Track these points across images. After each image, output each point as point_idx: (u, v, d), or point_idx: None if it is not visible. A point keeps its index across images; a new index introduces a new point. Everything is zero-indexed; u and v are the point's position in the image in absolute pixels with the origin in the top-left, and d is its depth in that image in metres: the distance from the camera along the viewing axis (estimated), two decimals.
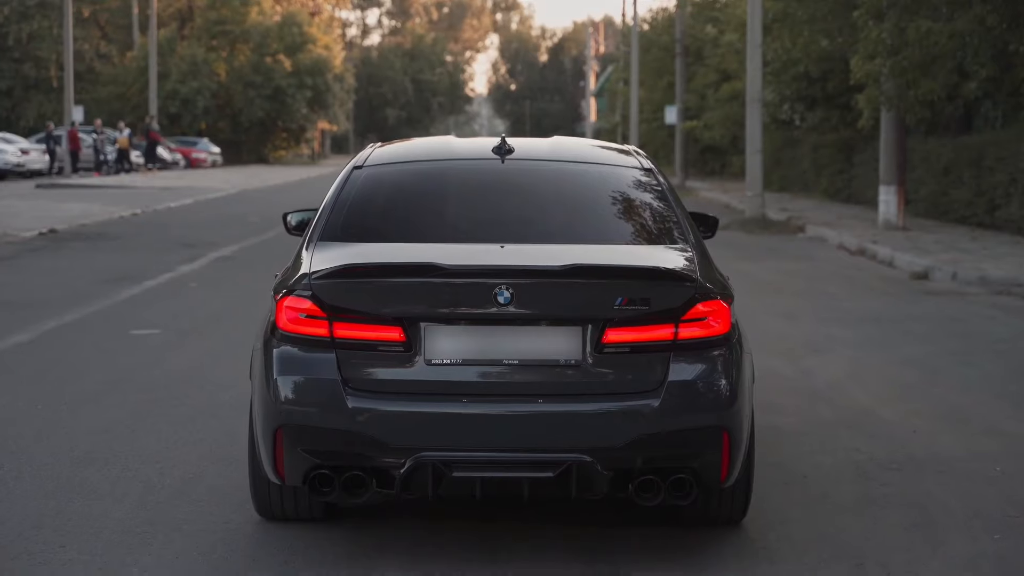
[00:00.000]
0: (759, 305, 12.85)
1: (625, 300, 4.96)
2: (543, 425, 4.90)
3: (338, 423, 4.90)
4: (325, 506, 5.48)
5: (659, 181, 5.99)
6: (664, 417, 4.87)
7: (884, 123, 20.60)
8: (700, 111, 41.75)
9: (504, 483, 5.02)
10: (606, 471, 4.85)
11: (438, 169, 6.16)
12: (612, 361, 4.94)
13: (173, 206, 29.70)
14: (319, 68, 69.25)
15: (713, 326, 5.06)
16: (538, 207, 5.80)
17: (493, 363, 4.97)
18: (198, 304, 12.80)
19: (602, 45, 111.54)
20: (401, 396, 4.94)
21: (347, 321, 4.99)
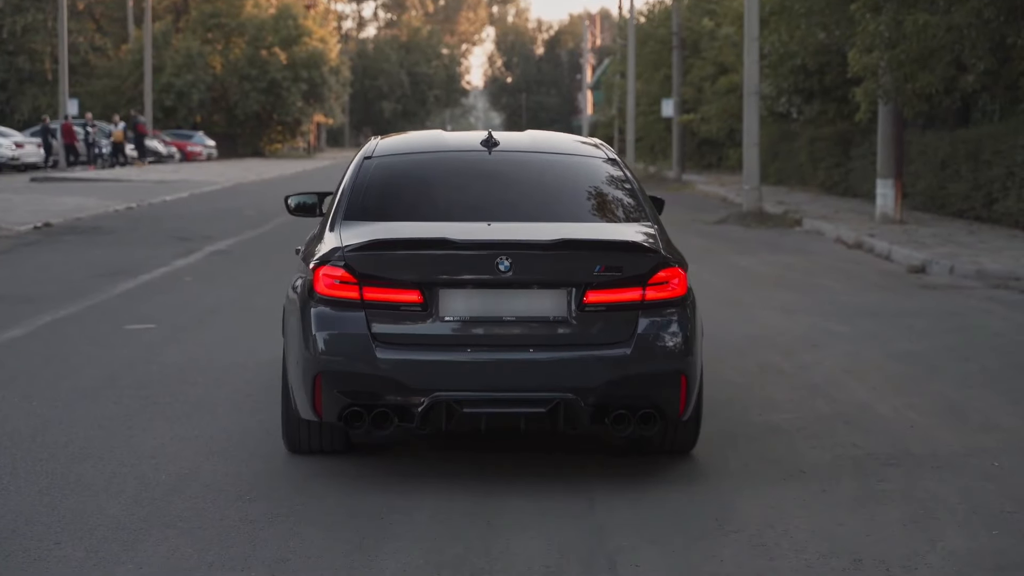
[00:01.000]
0: (756, 299, 12.85)
1: (602, 268, 6.02)
2: (536, 370, 5.94)
3: (368, 369, 5.93)
4: (346, 441, 6.53)
5: (623, 169, 7.12)
6: (634, 363, 5.95)
7: (881, 116, 20.56)
8: (697, 104, 41.70)
9: (505, 418, 6.10)
10: (587, 407, 5.89)
11: (436, 160, 7.26)
12: (591, 318, 6.00)
13: (168, 200, 29.65)
14: (314, 61, 69.12)
15: (673, 289, 6.15)
16: (521, 191, 6.86)
17: (494, 320, 6.02)
18: (193, 298, 12.76)
19: (598, 38, 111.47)
20: (419, 347, 5.99)
21: (374, 286, 5.98)
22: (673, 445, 6.52)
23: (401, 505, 5.75)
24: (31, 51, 64.62)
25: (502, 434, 6.81)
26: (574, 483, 6.11)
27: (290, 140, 76.71)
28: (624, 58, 54.08)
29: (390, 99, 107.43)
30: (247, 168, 51.06)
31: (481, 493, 5.96)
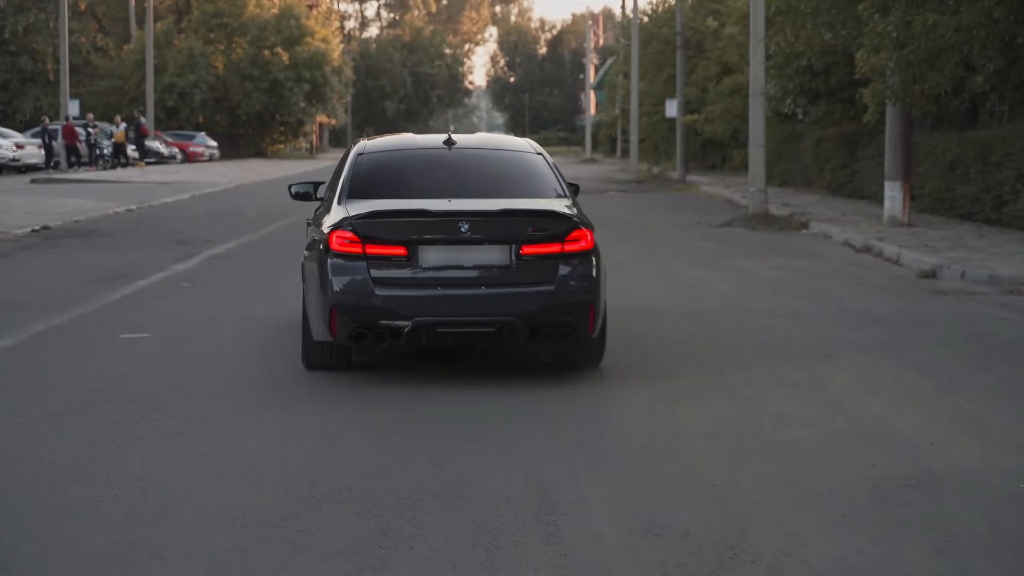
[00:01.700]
0: (764, 305, 12.58)
1: (533, 229, 8.41)
2: (487, 302, 8.28)
3: (369, 302, 8.20)
4: (348, 360, 8.87)
5: (547, 161, 9.63)
6: (556, 296, 8.31)
7: (889, 118, 20.25)
8: (701, 104, 41.39)
9: (466, 336, 8.55)
10: (524, 327, 8.22)
11: (410, 155, 9.82)
12: (526, 264, 8.35)
13: (169, 201, 29.41)
14: (317, 61, 68.86)
15: (583, 245, 8.50)
16: (472, 177, 9.29)
17: (457, 267, 8.36)
18: (191, 305, 12.49)
19: (601, 38, 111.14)
20: (405, 286, 8.27)
21: (373, 244, 8.25)
22: (584, 359, 8.97)
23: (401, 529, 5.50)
24: (33, 51, 64.39)
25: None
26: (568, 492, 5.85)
27: (292, 140, 76.47)
28: (627, 58, 53.83)
29: (393, 99, 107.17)
30: (249, 169, 50.81)
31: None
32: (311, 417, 7.68)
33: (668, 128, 45.56)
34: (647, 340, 10.51)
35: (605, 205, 29.09)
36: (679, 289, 13.97)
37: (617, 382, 8.75)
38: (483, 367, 9.18)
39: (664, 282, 14.60)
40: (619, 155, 66.68)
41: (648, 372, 9.14)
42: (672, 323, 11.47)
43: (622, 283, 14.35)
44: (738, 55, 35.65)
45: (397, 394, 8.27)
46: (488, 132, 77.13)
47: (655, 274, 15.36)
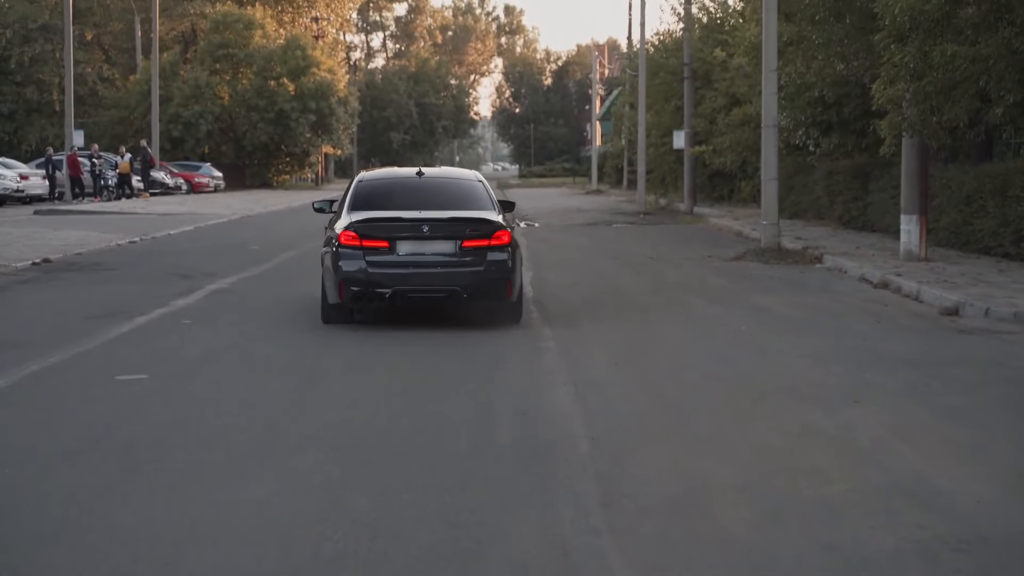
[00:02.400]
0: (785, 345, 12.13)
1: (471, 230, 12.66)
2: (441, 277, 12.48)
3: (364, 277, 12.30)
4: (350, 317, 13.07)
5: (485, 186, 14.00)
6: (485, 274, 12.49)
7: (905, 150, 19.81)
8: (709, 136, 41.05)
9: (427, 300, 12.85)
10: (465, 294, 12.52)
11: (392, 181, 14.39)
12: (466, 252, 12.53)
13: (172, 233, 29.03)
14: (323, 92, 68.62)
15: (503, 240, 12.67)
16: (434, 196, 13.47)
17: (421, 254, 12.57)
18: (190, 344, 12.07)
19: (607, 69, 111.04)
20: (387, 266, 12.41)
21: (367, 239, 12.42)
22: (507, 316, 13.28)
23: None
24: (39, 81, 64.27)
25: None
26: None
27: (298, 171, 76.19)
28: (633, 89, 53.51)
29: (398, 130, 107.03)
30: (254, 200, 50.46)
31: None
32: (313, 467, 7.25)
33: (675, 159, 45.15)
34: (666, 384, 10.08)
35: (613, 238, 28.70)
36: (695, 328, 13.53)
37: (638, 431, 8.32)
38: (503, 411, 8.76)
39: (680, 320, 14.15)
40: (625, 186, 66.31)
41: (670, 420, 8.71)
42: (691, 365, 11.04)
43: (635, 321, 13.96)
44: (747, 86, 35.29)
45: None
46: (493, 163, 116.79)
47: (669, 312, 14.92)
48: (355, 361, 11.20)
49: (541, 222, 35.34)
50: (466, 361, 11.13)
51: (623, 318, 14.28)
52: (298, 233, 29.48)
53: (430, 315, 13.77)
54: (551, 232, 30.62)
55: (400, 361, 11.14)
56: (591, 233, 30.48)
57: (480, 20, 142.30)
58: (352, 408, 9.10)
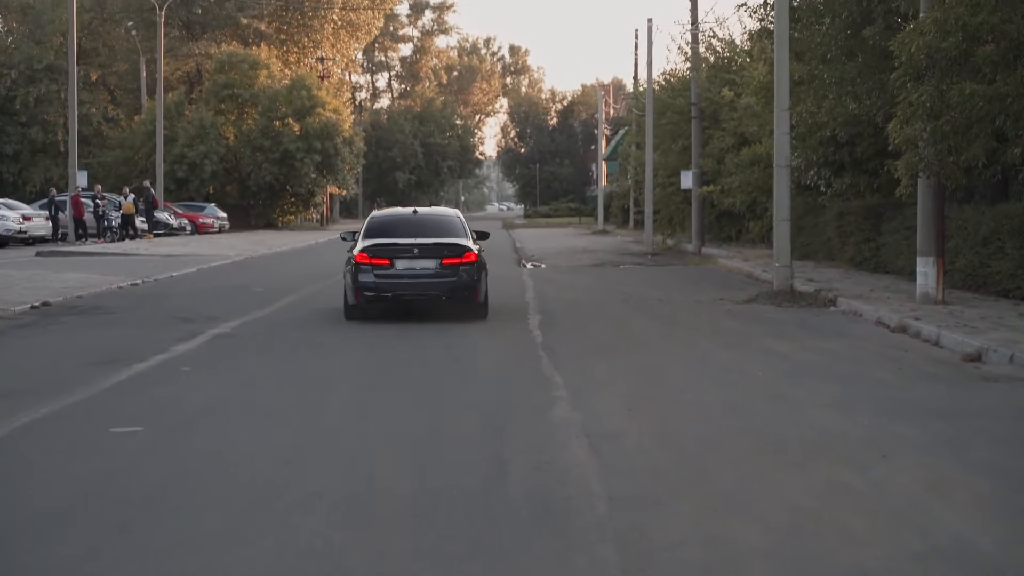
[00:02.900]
0: (804, 393, 11.71)
1: (448, 251, 17.85)
2: (426, 285, 17.76)
3: (373, 285, 17.62)
4: (365, 315, 18.12)
5: (461, 219, 19.32)
6: (458, 283, 17.73)
7: (921, 190, 19.41)
8: (717, 175, 40.74)
9: (418, 301, 18.01)
10: (444, 297, 17.86)
11: (395, 217, 19.56)
12: (445, 267, 17.72)
13: (175, 275, 28.67)
14: (328, 132, 68.42)
15: (471, 258, 17.85)
16: (424, 227, 18.57)
17: (413, 269, 17.74)
18: (189, 393, 11.66)
19: (612, 108, 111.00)
20: (389, 277, 17.68)
21: (374, 258, 17.57)
22: (476, 313, 18.21)
23: None
24: (44, 122, 64.19)
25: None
26: None
27: (303, 212, 75.90)
28: (640, 129, 53.27)
29: (404, 169, 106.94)
30: (258, 241, 50.14)
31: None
32: (314, 530, 6.83)
33: (683, 199, 44.80)
34: (684, 435, 9.66)
35: (622, 279, 28.30)
36: (710, 374, 13.11)
37: (658, 489, 7.89)
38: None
39: (693, 365, 13.74)
40: (632, 226, 65.99)
41: (690, 476, 8.29)
42: (707, 414, 10.61)
43: (648, 366, 13.55)
44: (756, 125, 35.00)
45: None
46: (498, 203, 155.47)
47: (682, 356, 14.51)
48: (358, 411, 10.79)
49: (548, 263, 34.98)
50: (476, 410, 10.72)
51: (635, 363, 13.87)
52: (302, 275, 29.14)
53: (439, 359, 13.37)
54: (558, 273, 30.25)
55: (407, 411, 10.73)
56: (599, 274, 30.09)
57: (485, 60, 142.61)
58: (356, 462, 8.69)
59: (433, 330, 17.26)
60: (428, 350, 14.96)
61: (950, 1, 16.70)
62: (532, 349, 15.05)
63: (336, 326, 17.85)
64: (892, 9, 21.87)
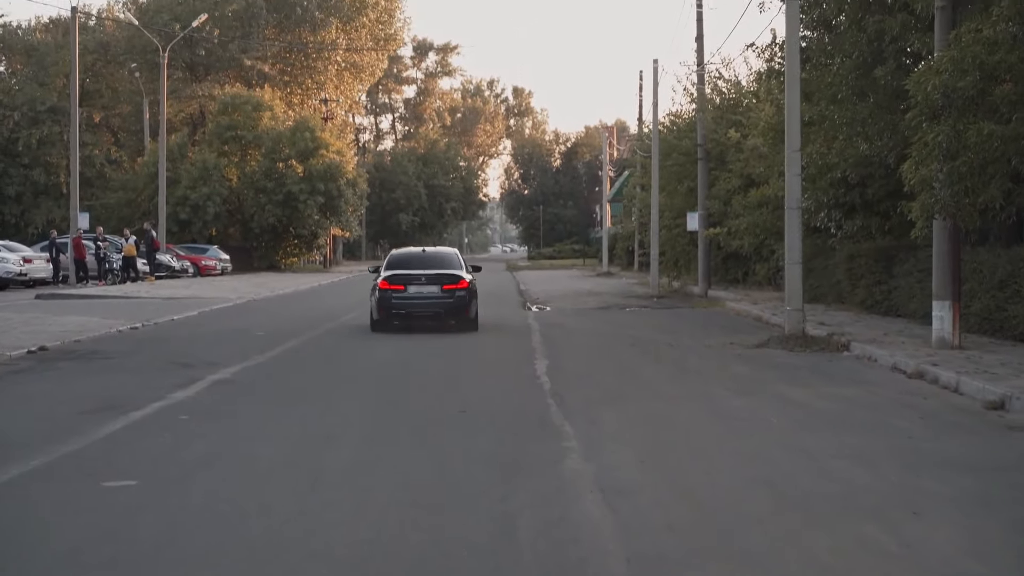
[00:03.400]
0: (824, 443, 11.27)
1: (446, 279, 24.08)
2: (430, 304, 23.97)
3: (390, 304, 23.97)
4: (387, 327, 24.15)
5: (459, 256, 25.81)
6: (454, 304, 24.02)
7: (936, 233, 19.01)
8: (723, 217, 40.42)
9: (426, 317, 24.15)
10: (443, 313, 24.11)
11: (408, 254, 26.11)
12: (444, 293, 23.96)
13: (176, 318, 28.28)
14: (331, 174, 68.20)
15: (464, 285, 24.08)
16: (431, 261, 24.88)
17: (420, 293, 23.89)
18: (186, 444, 11.23)
19: (615, 150, 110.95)
20: (402, 299, 23.93)
21: (392, 284, 23.90)
22: (468, 327, 24.15)
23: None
24: (46, 164, 63.99)
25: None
26: None
27: (306, 253, 75.61)
28: (645, 170, 53.01)
29: (407, 211, 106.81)
30: (260, 283, 49.79)
31: None
32: None
33: (689, 241, 44.49)
34: (700, 489, 9.23)
35: (629, 322, 27.90)
36: (723, 422, 12.68)
37: (677, 549, 7.45)
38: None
39: (707, 414, 13.31)
40: (636, 268, 65.68)
41: (710, 534, 7.85)
42: (725, 466, 10.18)
43: (660, 415, 13.13)
44: (762, 167, 34.68)
45: None
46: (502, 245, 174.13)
47: (694, 404, 14.08)
48: (361, 460, 10.37)
49: (553, 306, 34.60)
50: (484, 462, 10.29)
51: (646, 411, 13.45)
52: (305, 318, 28.77)
53: (445, 409, 12.97)
54: (564, 317, 29.84)
55: (413, 463, 10.31)
56: (606, 318, 29.69)
57: (489, 102, 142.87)
58: (358, 519, 8.27)
59: (439, 376, 16.86)
60: (433, 399, 14.55)
61: (967, 40, 16.35)
62: (540, 396, 14.63)
63: (340, 372, 17.44)
64: (903, 49, 21.57)
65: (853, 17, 22.52)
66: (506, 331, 25.18)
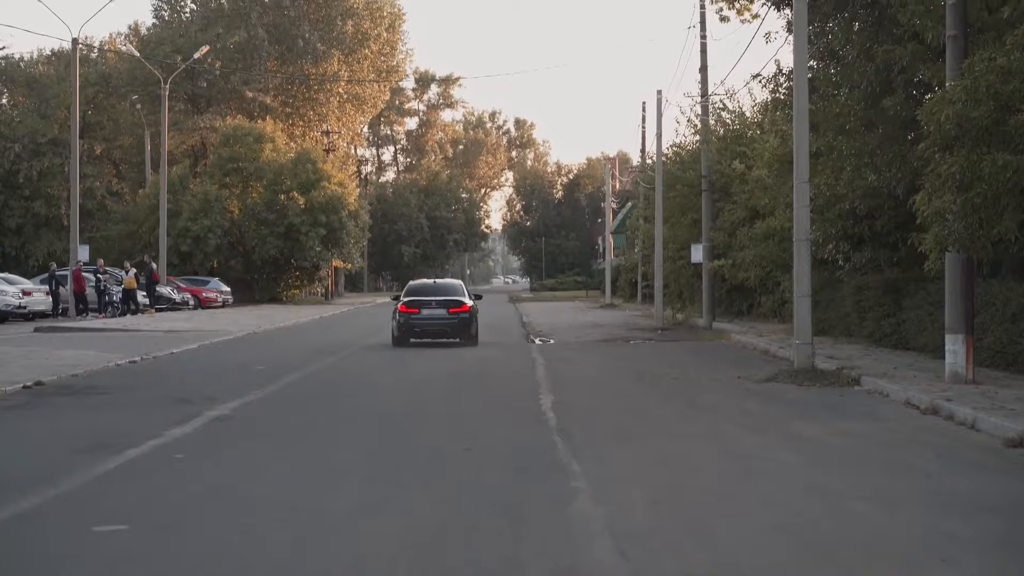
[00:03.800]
0: (842, 484, 10.87)
1: (452, 304, 30.54)
2: (439, 325, 30.34)
3: (409, 324, 30.24)
4: (406, 343, 30.20)
5: (463, 286, 32.55)
6: (460, 324, 30.36)
7: (949, 265, 18.64)
8: (728, 249, 40.07)
9: (436, 333, 30.46)
10: (452, 333, 30.47)
11: (421, 284, 32.58)
12: (450, 315, 30.33)
13: (175, 352, 27.94)
14: (333, 205, 67.94)
15: (467, 309, 30.48)
16: (441, 290, 31.37)
17: (432, 315, 30.26)
18: (180, 485, 10.84)
19: (618, 182, 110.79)
20: (417, 320, 30.20)
21: (408, 308, 30.27)
22: (470, 343, 30.29)
23: None
24: (47, 196, 63.74)
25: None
26: None
27: (308, 285, 75.29)
28: (649, 202, 52.69)
29: (409, 243, 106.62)
30: (262, 316, 49.42)
31: None
32: None
33: (693, 273, 44.11)
34: (717, 534, 8.83)
35: (634, 355, 27.53)
36: (738, 461, 12.28)
37: None
38: None
39: (719, 452, 12.91)
40: (640, 300, 65.30)
41: None
42: (741, 509, 9.78)
43: (671, 453, 12.73)
44: (768, 198, 34.33)
45: None
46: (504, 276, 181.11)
47: (706, 441, 13.69)
48: (364, 503, 9.98)
49: (557, 338, 34.25)
50: (489, 504, 9.90)
51: (656, 449, 13.06)
52: (305, 351, 28.44)
53: (448, 446, 12.60)
54: (568, 350, 29.48)
55: (416, 504, 9.92)
56: (610, 351, 29.32)
57: (491, 134, 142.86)
58: (362, 565, 7.90)
59: (442, 412, 16.50)
60: (437, 436, 14.16)
61: (980, 68, 16.02)
62: (546, 433, 14.25)
63: (341, 407, 17.07)
64: (913, 79, 21.26)
65: (861, 47, 22.24)
66: (510, 364, 24.81)
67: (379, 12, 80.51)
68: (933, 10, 19.39)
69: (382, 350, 29.33)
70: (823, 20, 24.09)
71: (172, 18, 78.02)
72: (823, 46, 24.15)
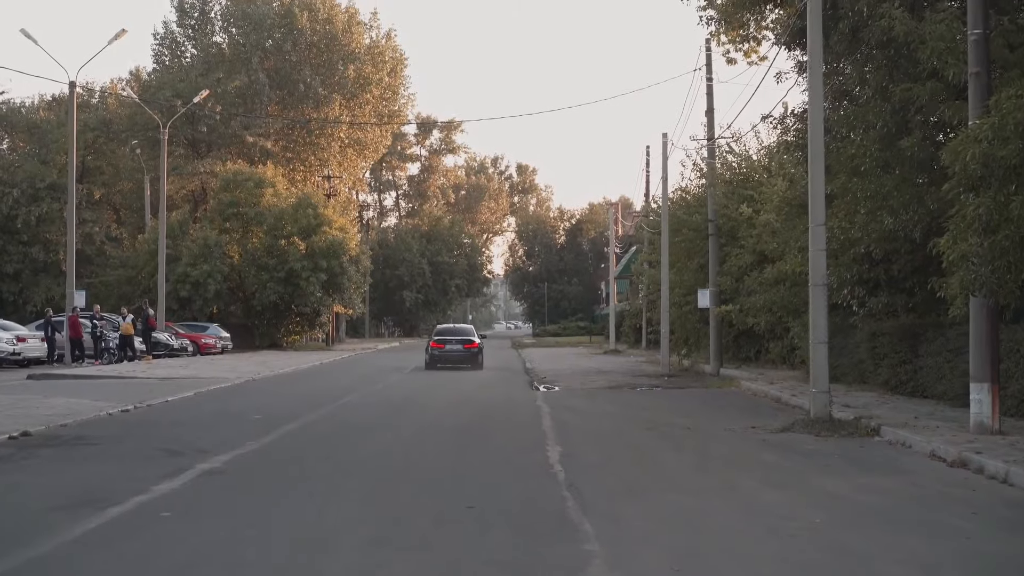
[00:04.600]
0: (875, 547, 10.10)
1: (466, 341, 46.58)
2: (458, 356, 45.91)
3: (436, 354, 45.97)
4: (435, 366, 45.36)
5: (473, 329, 49.82)
6: (471, 355, 46.06)
7: (974, 311, 17.91)
8: (735, 294, 39.38)
9: (458, 361, 45.72)
10: (465, 361, 45.73)
11: (445, 327, 50.22)
12: (465, 349, 46.10)
13: (170, 400, 27.14)
14: (334, 251, 67.29)
15: (476, 345, 46.52)
16: (458, 332, 48.35)
17: (453, 348, 45.99)
18: (165, 548, 10.06)
19: (620, 227, 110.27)
20: (443, 352, 45.91)
21: (436, 344, 46.31)
22: (477, 367, 45.00)
23: None
24: (46, 241, 63.19)
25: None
26: None
27: (308, 331, 74.50)
28: (653, 247, 52.09)
29: (411, 288, 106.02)
30: (261, 362, 48.64)
31: None
32: None
33: (699, 319, 43.39)
34: None
35: (642, 403, 26.75)
36: (760, 520, 11.50)
37: None
38: None
39: (739, 510, 12.13)
40: (644, 345, 64.56)
41: None
42: (768, 575, 9.02)
43: (688, 511, 11.95)
44: (776, 243, 33.67)
45: None
46: (506, 321, 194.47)
47: (725, 498, 12.91)
48: (361, 569, 9.21)
49: (562, 385, 33.50)
50: (495, 569, 9.14)
51: (672, 506, 12.29)
52: (304, 399, 27.66)
53: (451, 504, 11.83)
54: (574, 398, 28.70)
55: (418, 568, 9.17)
56: (617, 399, 28.54)
57: (493, 179, 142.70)
58: None
59: (444, 466, 15.72)
60: (439, 492, 13.39)
61: (1008, 106, 15.36)
62: (555, 489, 13.47)
63: (339, 461, 16.29)
64: (931, 119, 20.61)
65: (877, 86, 21.61)
66: (514, 413, 24.06)
67: (381, 57, 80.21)
68: (954, 47, 18.75)
69: (382, 399, 28.54)
70: (836, 60, 23.51)
71: (172, 63, 77.72)
72: (836, 86, 23.56)
